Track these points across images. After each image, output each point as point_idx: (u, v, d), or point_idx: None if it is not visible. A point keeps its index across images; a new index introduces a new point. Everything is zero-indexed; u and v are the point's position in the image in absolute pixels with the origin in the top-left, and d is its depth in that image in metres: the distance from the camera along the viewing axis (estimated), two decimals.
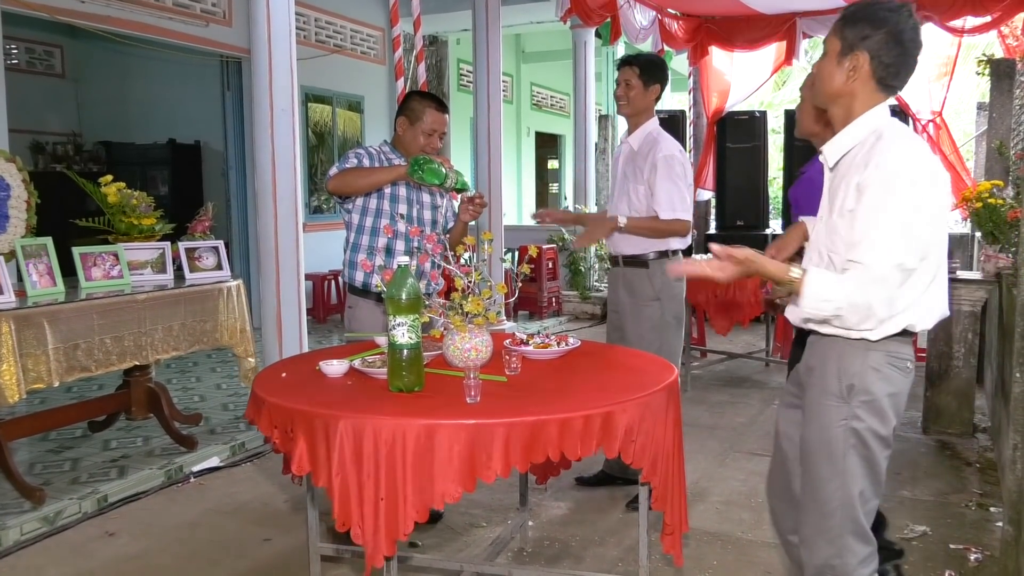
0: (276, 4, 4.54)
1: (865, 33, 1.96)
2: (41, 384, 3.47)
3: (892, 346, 2.02)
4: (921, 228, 1.90)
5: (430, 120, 3.27)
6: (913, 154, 1.92)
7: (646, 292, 3.65)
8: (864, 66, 1.97)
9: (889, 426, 2.09)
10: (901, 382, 2.06)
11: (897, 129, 1.99)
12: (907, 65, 1.97)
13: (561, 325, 8.76)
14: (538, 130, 14.33)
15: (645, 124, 3.65)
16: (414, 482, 1.98)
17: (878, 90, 1.99)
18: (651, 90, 3.62)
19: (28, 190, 3.94)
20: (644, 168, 3.55)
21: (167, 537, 3.47)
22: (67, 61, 9.59)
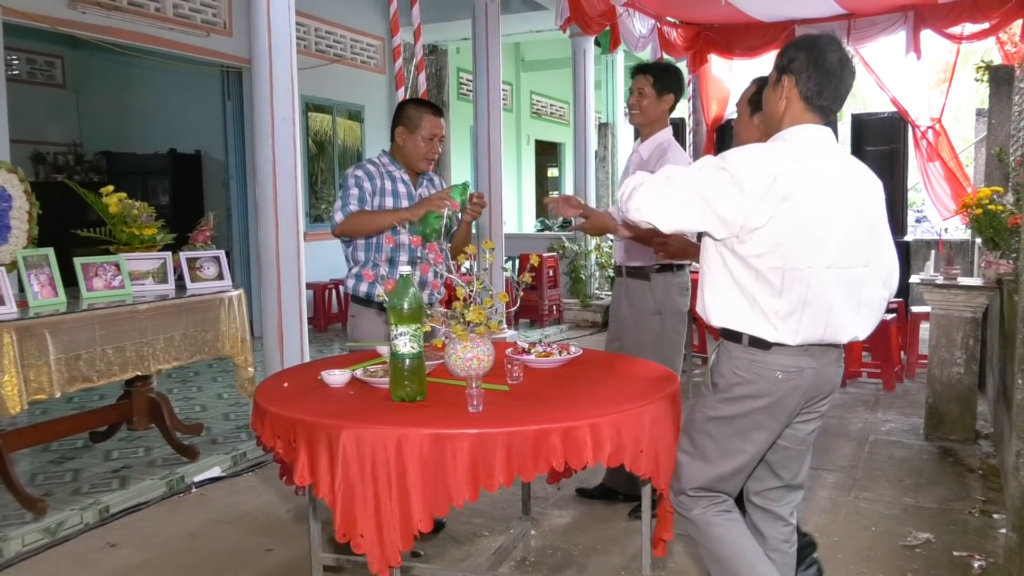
0: (277, 14, 4.55)
1: (790, 57, 2.18)
2: (43, 395, 3.47)
3: (743, 352, 2.18)
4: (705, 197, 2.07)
5: (428, 126, 3.27)
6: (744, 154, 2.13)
7: (647, 304, 3.60)
8: (791, 88, 2.17)
9: (748, 425, 2.21)
10: (760, 387, 2.17)
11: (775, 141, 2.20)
12: (831, 86, 2.14)
13: (562, 333, 8.76)
14: (538, 138, 14.35)
15: (657, 134, 3.58)
16: (417, 492, 1.98)
17: (807, 110, 2.17)
18: (664, 99, 3.56)
19: (30, 201, 3.94)
20: None
21: (169, 548, 3.46)
22: (68, 72, 9.62)
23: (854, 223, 2.12)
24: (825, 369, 2.21)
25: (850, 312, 2.15)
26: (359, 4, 9.11)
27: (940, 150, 7.95)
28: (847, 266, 2.11)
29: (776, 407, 2.18)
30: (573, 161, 10.28)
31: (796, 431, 2.29)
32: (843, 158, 2.21)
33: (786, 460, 2.33)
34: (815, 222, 2.06)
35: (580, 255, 9.49)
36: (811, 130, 2.17)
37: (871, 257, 2.17)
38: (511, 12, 8.54)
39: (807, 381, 2.17)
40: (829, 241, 2.07)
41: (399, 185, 3.30)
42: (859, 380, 6.27)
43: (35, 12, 5.74)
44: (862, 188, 2.17)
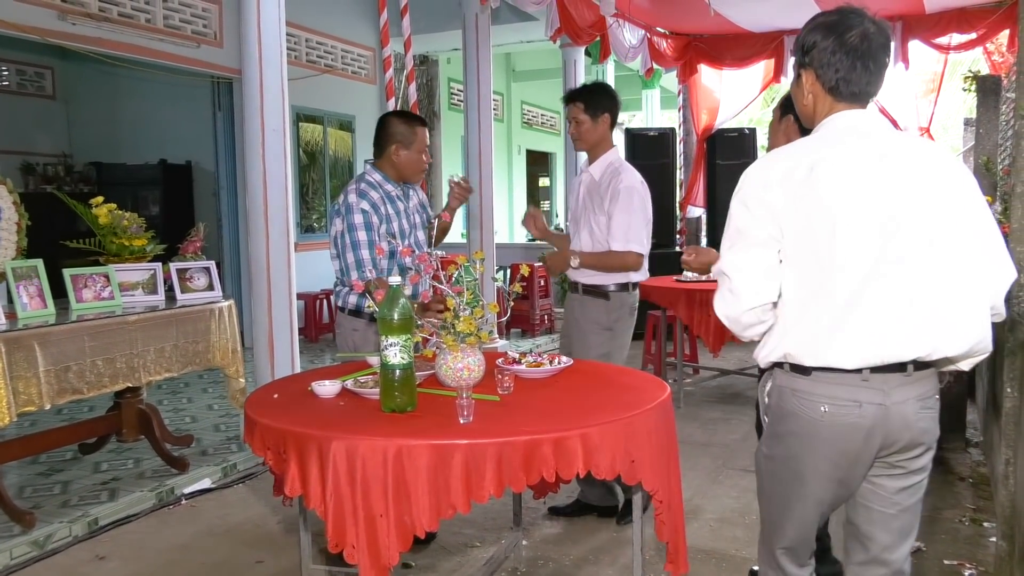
0: (267, 25, 4.55)
1: (805, 47, 1.94)
2: (32, 407, 3.45)
3: (785, 379, 1.91)
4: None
5: (422, 139, 3.34)
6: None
7: (600, 321, 3.62)
8: (812, 82, 1.94)
9: (802, 467, 1.91)
10: (804, 423, 1.88)
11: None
12: (858, 69, 1.87)
13: (554, 343, 8.75)
14: (529, 148, 14.39)
15: (606, 154, 3.60)
16: (408, 502, 1.98)
17: (838, 101, 1.91)
18: (601, 120, 3.55)
19: (19, 212, 3.93)
20: (605, 198, 3.50)
21: (159, 560, 3.44)
22: (58, 82, 9.59)
23: (899, 210, 1.77)
24: (899, 407, 1.82)
25: (913, 317, 1.77)
26: (350, 15, 9.13)
27: None
28: (897, 262, 1.76)
29: (826, 449, 1.85)
30: (564, 171, 10.31)
31: (877, 487, 1.93)
32: (884, 138, 1.87)
33: (869, 524, 1.96)
34: (835, 216, 1.77)
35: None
36: (841, 118, 1.89)
37: (941, 246, 1.79)
38: (501, 23, 8.57)
39: (869, 420, 1.81)
40: (858, 235, 1.76)
41: (397, 204, 3.34)
42: None
43: (25, 23, 5.73)
44: (913, 168, 1.81)
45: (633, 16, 7.81)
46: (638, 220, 3.50)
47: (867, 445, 1.84)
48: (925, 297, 1.78)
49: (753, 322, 1.88)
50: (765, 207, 1.83)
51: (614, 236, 3.49)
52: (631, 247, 3.49)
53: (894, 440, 1.85)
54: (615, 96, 3.66)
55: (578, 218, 3.68)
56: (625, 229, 3.48)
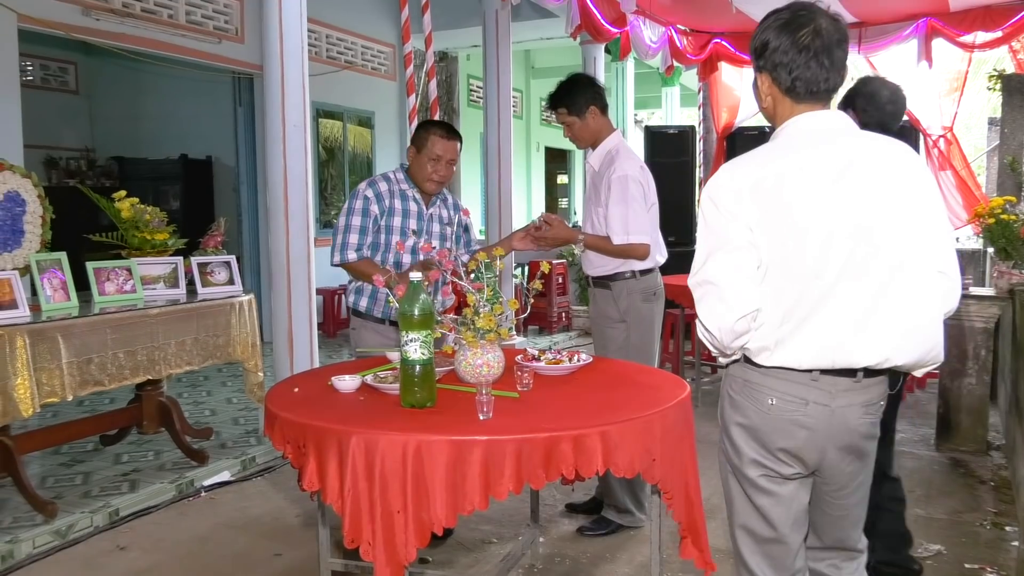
0: (289, 21, 4.57)
1: (756, 51, 1.92)
2: (55, 398, 3.49)
3: (738, 370, 1.93)
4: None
5: (434, 147, 3.27)
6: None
7: (611, 314, 3.55)
8: (769, 85, 1.91)
9: (742, 459, 1.95)
10: (750, 414, 1.92)
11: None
12: (812, 68, 1.83)
13: (571, 340, 8.75)
14: (548, 145, 14.36)
15: (605, 141, 3.51)
16: (426, 498, 1.98)
17: (797, 103, 1.88)
18: (588, 114, 3.47)
19: (43, 205, 3.97)
20: (602, 189, 3.42)
21: (178, 551, 3.47)
22: (81, 77, 9.69)
23: (869, 220, 1.78)
24: (843, 411, 1.85)
25: (871, 326, 1.79)
26: (370, 11, 9.15)
27: (952, 159, 7.93)
28: (862, 271, 1.78)
29: (773, 445, 1.89)
30: (583, 168, 10.28)
31: (830, 501, 1.99)
32: (852, 144, 1.84)
33: (830, 523, 2.03)
34: (809, 226, 1.77)
35: None
36: (806, 119, 1.86)
37: (904, 256, 1.79)
38: (521, 19, 8.56)
39: (813, 419, 1.85)
40: (832, 245, 1.77)
41: (410, 204, 3.33)
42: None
43: (50, 19, 5.78)
44: (883, 177, 1.80)
45: (654, 13, 7.79)
46: (636, 209, 3.35)
47: (810, 443, 1.87)
48: (883, 308, 1.80)
49: (744, 330, 1.84)
50: (740, 215, 1.81)
51: (612, 229, 3.38)
52: (632, 239, 3.35)
53: (836, 442, 1.88)
54: (594, 83, 3.56)
55: (586, 212, 3.64)
56: (622, 221, 3.35)
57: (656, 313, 3.58)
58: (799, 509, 1.98)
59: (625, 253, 3.41)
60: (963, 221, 7.77)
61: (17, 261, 3.81)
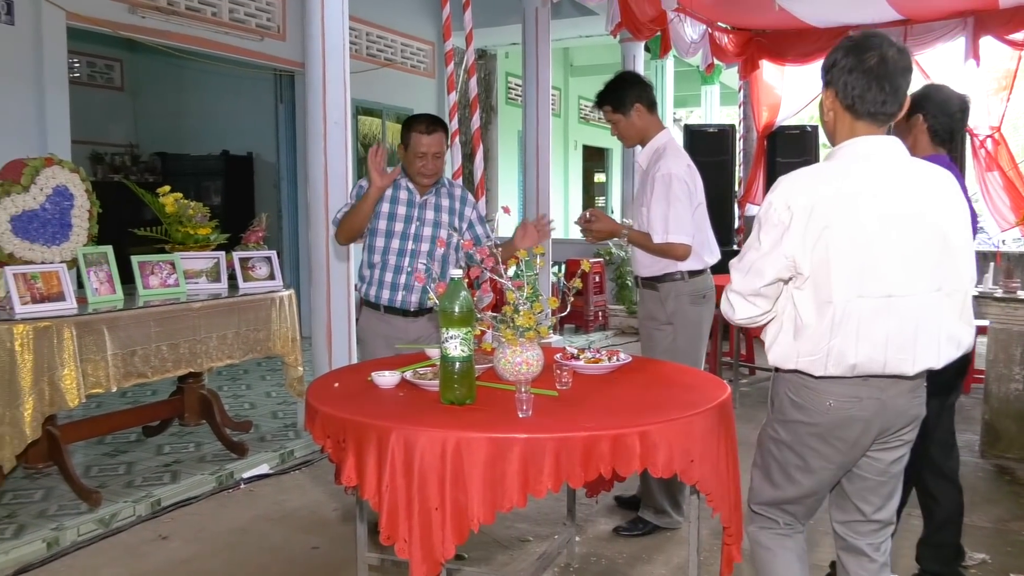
0: (331, 19, 4.61)
1: (827, 67, 2.08)
2: (100, 389, 3.56)
3: (796, 377, 2.09)
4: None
5: (418, 145, 3.31)
6: None
7: (658, 315, 3.50)
8: (832, 100, 2.06)
9: (803, 447, 2.13)
10: (817, 415, 2.07)
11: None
12: (874, 89, 1.98)
13: (607, 339, 8.72)
14: (585, 143, 14.32)
15: (653, 139, 3.46)
16: (464, 495, 1.98)
17: (856, 120, 2.03)
18: (634, 112, 3.43)
19: (91, 200, 4.05)
20: (647, 188, 3.38)
21: (218, 542, 3.51)
22: (126, 74, 9.85)
23: (914, 245, 1.95)
24: (893, 400, 2.04)
25: (917, 342, 1.98)
26: (410, 9, 9.18)
27: (999, 159, 7.75)
28: (908, 292, 1.95)
29: (832, 436, 2.06)
30: (621, 167, 10.24)
31: (875, 461, 2.14)
32: (903, 172, 2.00)
33: (865, 491, 2.18)
34: (858, 249, 1.92)
35: (626, 261, 9.44)
36: (861, 144, 2.01)
37: (944, 281, 1.99)
38: (561, 17, 8.54)
39: (869, 411, 2.03)
40: (879, 268, 1.93)
41: (401, 192, 3.41)
42: None
43: (97, 17, 5.88)
44: (925, 204, 1.97)
45: (695, 11, 7.71)
46: (679, 209, 3.29)
47: (866, 433, 2.07)
48: (926, 325, 1.98)
49: (747, 324, 2.13)
50: (788, 229, 1.97)
51: (653, 228, 3.34)
52: (671, 238, 3.29)
53: (890, 425, 2.08)
54: (640, 80, 3.54)
55: (635, 210, 3.60)
56: (663, 220, 3.29)
57: (704, 317, 3.51)
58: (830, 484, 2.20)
59: (664, 252, 3.35)
60: (1010, 223, 7.60)
61: (65, 254, 3.89)
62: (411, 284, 3.35)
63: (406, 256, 3.37)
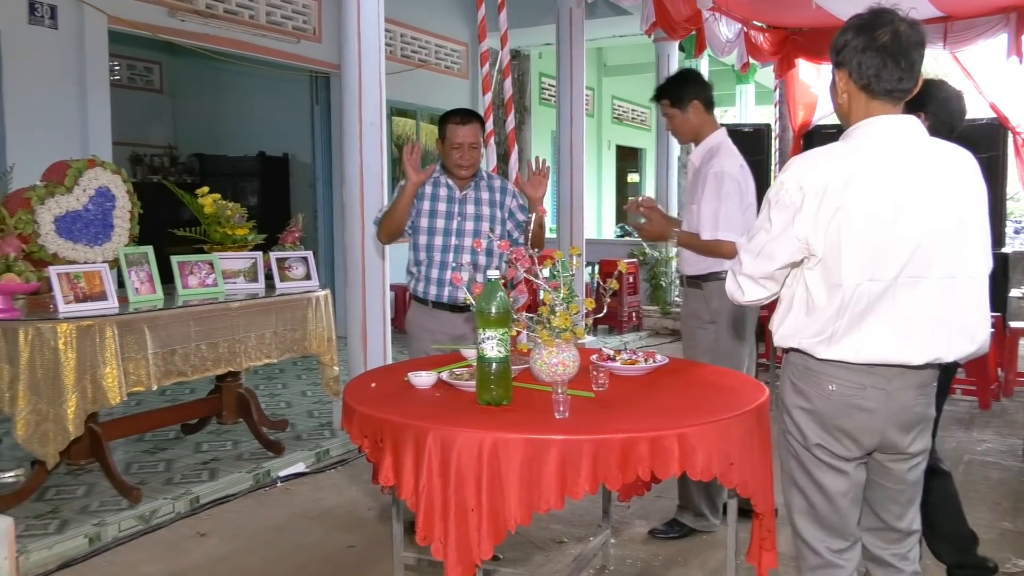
0: (367, 21, 4.63)
1: (837, 48, 2.01)
2: (140, 387, 3.61)
3: (798, 358, 2.06)
4: None
5: (454, 136, 3.40)
6: None
7: (702, 314, 3.47)
8: (846, 81, 2.00)
9: (807, 440, 2.07)
10: (814, 400, 2.03)
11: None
12: (889, 66, 1.92)
13: (641, 340, 8.68)
14: (619, 143, 14.27)
15: (707, 138, 3.46)
16: (501, 496, 1.98)
17: (872, 100, 1.97)
18: (691, 108, 3.42)
19: (132, 200, 4.11)
20: (698, 185, 3.37)
21: (255, 539, 3.55)
22: (165, 77, 10.00)
23: (928, 229, 1.89)
24: (899, 394, 1.97)
25: (926, 329, 1.92)
26: (444, 10, 9.22)
27: None
28: (920, 276, 1.90)
29: (833, 426, 2.00)
30: (655, 167, 10.19)
31: (889, 470, 2.07)
32: (920, 152, 1.94)
33: (884, 500, 2.11)
34: (870, 232, 1.87)
35: (660, 262, 9.40)
36: (877, 124, 1.95)
37: (959, 268, 1.93)
38: (595, 17, 8.52)
39: (872, 402, 1.96)
40: (892, 252, 1.88)
41: (440, 189, 3.47)
42: (952, 397, 6.02)
43: (138, 20, 5.98)
44: (945, 187, 1.92)
45: (731, 10, 7.64)
46: (729, 207, 3.26)
47: (869, 428, 1.99)
48: (937, 312, 1.93)
49: (752, 304, 2.11)
50: (799, 210, 1.92)
51: (703, 224, 3.31)
52: (720, 234, 3.25)
53: (893, 422, 1.99)
54: (700, 79, 3.54)
55: (685, 208, 3.58)
56: (713, 216, 3.26)
57: (749, 317, 3.47)
58: (857, 487, 2.09)
59: (713, 250, 3.31)
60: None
61: (107, 254, 3.96)
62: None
63: (450, 252, 3.43)
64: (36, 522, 3.52)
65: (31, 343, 3.32)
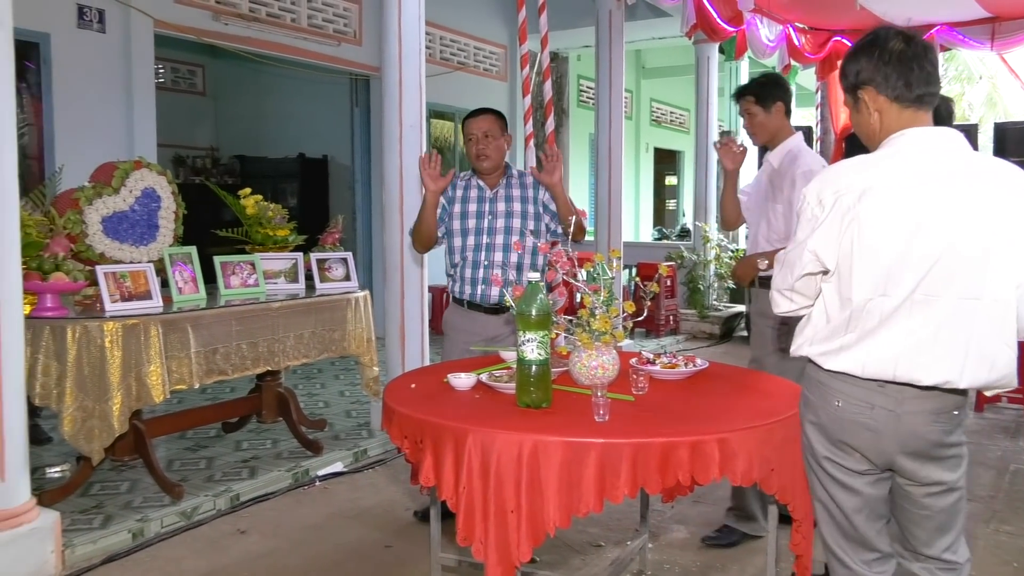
0: (407, 24, 4.66)
1: (856, 71, 1.98)
2: (183, 385, 3.66)
3: (812, 370, 2.03)
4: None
5: (466, 130, 3.52)
6: None
7: (772, 313, 3.47)
8: (874, 97, 1.95)
9: (816, 453, 2.04)
10: (821, 412, 2.00)
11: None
12: (914, 72, 1.90)
13: (679, 344, 8.62)
14: (657, 146, 14.20)
15: (785, 141, 3.48)
16: (541, 499, 1.98)
17: (904, 110, 1.93)
18: (775, 110, 3.45)
19: (176, 202, 4.18)
20: (784, 186, 3.37)
21: (294, 538, 3.58)
22: (207, 80, 10.15)
23: (952, 245, 1.81)
24: (909, 419, 1.88)
25: (936, 349, 1.83)
26: (483, 13, 9.24)
27: None
28: (935, 295, 1.82)
29: (838, 441, 1.96)
30: (694, 170, 10.12)
31: (908, 492, 1.99)
32: (952, 166, 1.86)
33: (906, 522, 2.03)
34: (885, 246, 1.82)
35: (699, 265, 9.33)
36: (912, 135, 1.90)
37: (982, 289, 1.82)
38: (635, 19, 8.49)
39: (879, 423, 1.89)
40: (906, 268, 1.82)
41: (471, 191, 3.54)
42: (997, 405, 5.90)
43: (183, 24, 6.08)
44: (977, 203, 1.82)
45: (772, 11, 7.58)
46: None
47: (876, 450, 1.93)
48: (951, 334, 1.83)
49: (790, 315, 2.08)
50: (821, 222, 1.91)
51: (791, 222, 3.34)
52: None
53: (904, 447, 1.91)
54: (786, 84, 3.59)
55: (754, 209, 3.55)
56: None
57: None
58: (872, 503, 2.02)
59: None
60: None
61: (152, 254, 4.02)
62: (488, 278, 3.44)
63: (482, 251, 3.46)
64: (81, 517, 3.59)
65: (78, 341, 3.39)
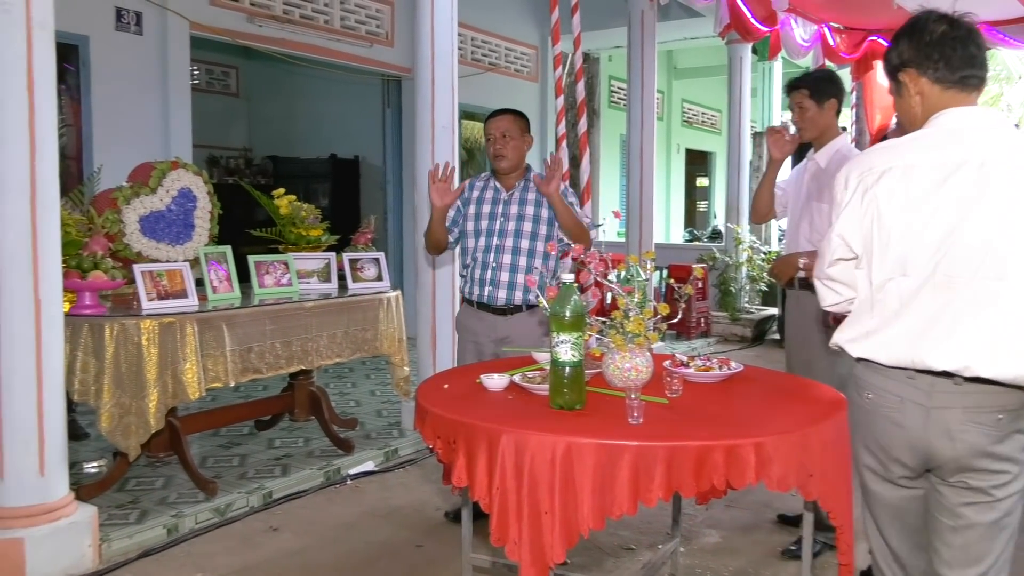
0: (440, 25, 4.68)
1: (898, 54, 1.97)
2: (218, 383, 3.71)
3: (850, 365, 2.02)
4: None
5: (486, 131, 3.56)
6: None
7: (821, 317, 3.39)
8: (915, 79, 1.94)
9: (856, 451, 2.06)
10: (857, 409, 2.01)
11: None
12: (957, 53, 1.88)
13: (710, 346, 8.56)
14: (688, 147, 14.12)
15: (833, 141, 3.43)
16: (574, 501, 1.97)
17: (946, 91, 1.91)
18: (827, 106, 3.41)
19: (212, 202, 4.23)
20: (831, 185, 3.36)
21: (326, 536, 3.61)
22: (241, 81, 10.26)
23: (973, 225, 1.76)
24: (940, 415, 1.81)
25: (955, 331, 1.78)
26: (514, 13, 9.25)
27: None
28: (957, 275, 1.77)
29: (869, 438, 1.96)
30: (726, 171, 10.04)
31: (941, 497, 1.91)
32: (988, 144, 1.81)
33: (933, 535, 1.95)
34: (904, 223, 1.81)
35: (731, 267, 9.26)
36: (949, 115, 1.87)
37: (1006, 270, 1.75)
38: (668, 19, 8.45)
39: (908, 419, 1.86)
40: (927, 247, 1.79)
41: (487, 192, 3.56)
42: None
43: (218, 26, 6.14)
44: (1012, 184, 1.76)
45: (807, 11, 7.50)
46: None
47: (901, 443, 1.89)
48: (971, 316, 1.77)
49: (835, 309, 2.04)
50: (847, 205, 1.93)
51: None
52: None
53: (935, 450, 1.85)
54: (840, 83, 3.55)
55: (797, 209, 3.50)
56: None
57: None
58: (907, 518, 2.00)
59: None
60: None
61: (188, 253, 4.07)
62: (497, 280, 3.44)
63: (491, 252, 3.47)
64: (117, 512, 3.64)
65: (116, 338, 3.44)
